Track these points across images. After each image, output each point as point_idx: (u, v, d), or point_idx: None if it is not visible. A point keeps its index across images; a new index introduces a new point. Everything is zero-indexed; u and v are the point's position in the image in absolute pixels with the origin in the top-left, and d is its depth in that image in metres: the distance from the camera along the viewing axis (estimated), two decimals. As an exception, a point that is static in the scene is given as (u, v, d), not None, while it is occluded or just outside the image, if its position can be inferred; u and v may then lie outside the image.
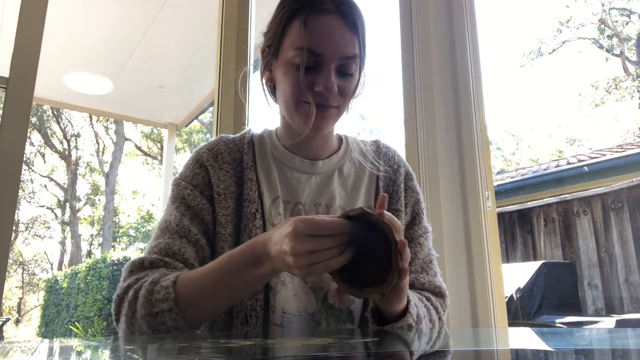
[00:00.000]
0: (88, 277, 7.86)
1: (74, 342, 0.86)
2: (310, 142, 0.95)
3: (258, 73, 0.98)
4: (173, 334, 0.75)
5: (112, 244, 15.82)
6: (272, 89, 0.96)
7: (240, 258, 0.74)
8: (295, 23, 0.84)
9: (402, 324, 0.79)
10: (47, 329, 9.23)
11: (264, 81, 0.96)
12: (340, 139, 1.03)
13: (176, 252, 0.84)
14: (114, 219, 16.10)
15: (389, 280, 0.66)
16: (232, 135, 0.99)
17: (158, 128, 12.64)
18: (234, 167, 0.93)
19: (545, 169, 5.59)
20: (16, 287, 16.82)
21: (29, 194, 16.20)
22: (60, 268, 16.12)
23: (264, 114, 1.01)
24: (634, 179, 3.87)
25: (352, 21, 0.84)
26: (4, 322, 7.14)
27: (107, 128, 16.25)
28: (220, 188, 0.90)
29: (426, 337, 0.73)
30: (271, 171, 0.94)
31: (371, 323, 0.86)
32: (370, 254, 0.68)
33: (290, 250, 0.65)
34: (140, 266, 0.82)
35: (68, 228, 16.54)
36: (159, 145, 16.31)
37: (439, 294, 0.94)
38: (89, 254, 16.36)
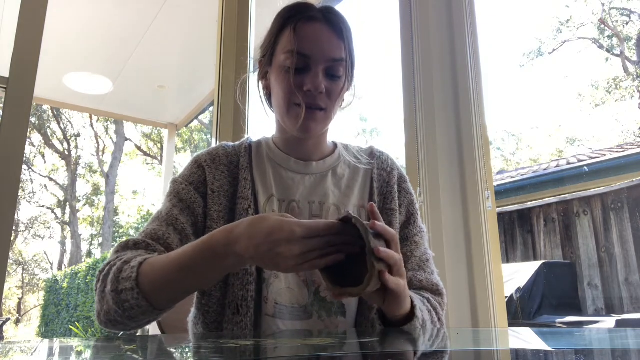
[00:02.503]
0: (88, 277, 7.86)
1: (74, 342, 0.86)
2: (303, 145, 1.00)
3: (257, 75, 1.04)
4: (136, 311, 0.78)
5: (112, 244, 15.81)
6: (269, 97, 1.02)
7: (199, 252, 0.76)
8: (287, 31, 0.92)
9: (409, 329, 0.80)
10: (47, 329, 9.24)
11: (260, 89, 1.03)
12: (334, 145, 1.07)
13: (160, 236, 0.88)
14: (114, 219, 16.10)
15: (364, 283, 0.69)
16: (232, 143, 1.04)
17: (158, 128, 12.64)
18: (230, 169, 0.98)
19: (545, 169, 5.59)
20: (16, 287, 16.82)
21: (29, 194, 16.21)
22: (60, 268, 16.12)
23: (263, 115, 1.06)
24: (634, 179, 3.87)
25: (338, 28, 0.92)
26: (4, 322, 7.14)
27: (107, 128, 16.25)
28: (214, 186, 0.95)
29: (426, 337, 0.73)
30: (266, 171, 0.99)
31: (379, 325, 0.88)
32: (362, 258, 0.70)
33: (288, 254, 0.68)
34: (124, 246, 0.87)
35: (68, 228, 16.54)
36: (159, 145, 16.31)
37: (437, 292, 0.96)
38: (89, 254, 16.36)
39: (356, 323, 0.92)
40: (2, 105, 1.71)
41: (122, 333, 0.83)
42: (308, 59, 0.90)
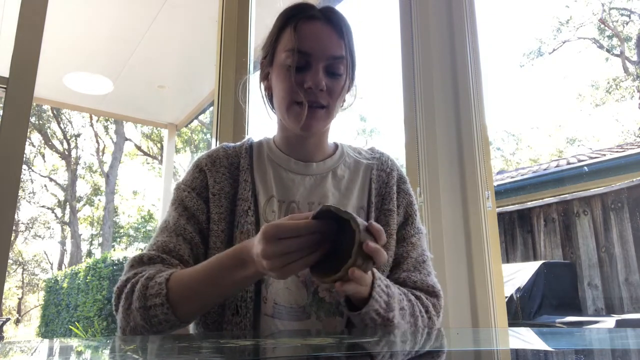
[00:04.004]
0: (88, 277, 7.86)
1: (74, 342, 0.87)
2: (303, 145, 1.00)
3: (257, 76, 1.05)
4: (164, 326, 0.80)
5: (112, 244, 15.81)
6: (271, 98, 1.02)
7: (227, 260, 0.79)
8: (287, 30, 0.93)
9: (367, 309, 0.79)
10: (47, 329, 9.23)
11: (262, 89, 1.03)
12: (336, 145, 1.07)
13: (172, 249, 0.90)
14: (114, 219, 16.10)
15: (352, 257, 0.67)
16: (232, 144, 1.05)
17: (158, 128, 12.63)
18: (230, 171, 0.99)
19: (545, 169, 5.59)
20: (16, 287, 16.82)
21: (29, 194, 16.20)
22: (60, 268, 16.11)
23: (263, 115, 1.06)
24: (634, 179, 3.87)
25: (338, 27, 0.93)
26: (4, 322, 7.14)
27: (107, 128, 16.25)
28: (215, 189, 0.96)
29: (425, 337, 0.73)
30: (267, 172, 1.00)
31: (343, 306, 0.87)
32: (346, 248, 0.69)
33: (261, 254, 0.69)
34: (139, 262, 0.88)
35: (68, 228, 16.53)
36: (159, 145, 16.30)
37: (433, 293, 0.94)
38: (89, 254, 16.35)
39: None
40: (2, 105, 1.71)
41: (118, 323, 0.84)
42: (308, 56, 0.90)
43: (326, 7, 0.95)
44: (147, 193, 17.69)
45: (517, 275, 3.80)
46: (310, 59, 0.90)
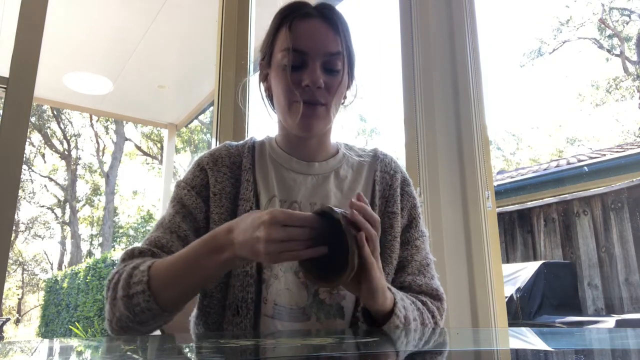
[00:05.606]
0: (88, 277, 7.86)
1: (74, 342, 0.87)
2: (305, 145, 0.99)
3: (257, 77, 1.04)
4: (147, 315, 0.80)
5: (112, 244, 15.81)
6: (271, 99, 1.02)
7: (203, 246, 0.79)
8: (283, 29, 0.93)
9: (388, 326, 0.79)
10: (47, 329, 9.23)
11: (262, 90, 1.03)
12: (338, 145, 1.07)
13: (164, 244, 0.90)
14: (114, 219, 16.09)
15: (345, 273, 0.70)
16: (235, 143, 1.04)
17: (158, 128, 12.63)
18: (232, 170, 0.98)
19: (545, 169, 5.59)
20: (16, 287, 16.82)
21: (29, 194, 16.20)
22: (60, 268, 16.10)
23: (263, 115, 1.05)
24: (634, 179, 3.87)
25: (334, 23, 0.92)
26: (4, 322, 7.14)
27: (107, 128, 16.25)
28: (216, 188, 0.95)
29: (425, 337, 0.73)
30: (269, 172, 0.99)
31: (361, 322, 0.87)
32: (342, 250, 0.72)
33: (265, 237, 0.70)
34: (131, 255, 0.89)
35: (68, 228, 16.53)
36: (159, 145, 16.30)
37: (437, 297, 0.94)
38: (89, 254, 16.35)
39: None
40: (2, 105, 1.71)
41: (105, 315, 0.85)
42: (305, 55, 0.89)
43: (321, 4, 0.95)
44: (147, 193, 17.70)
45: (517, 275, 3.80)
46: (307, 57, 0.90)
